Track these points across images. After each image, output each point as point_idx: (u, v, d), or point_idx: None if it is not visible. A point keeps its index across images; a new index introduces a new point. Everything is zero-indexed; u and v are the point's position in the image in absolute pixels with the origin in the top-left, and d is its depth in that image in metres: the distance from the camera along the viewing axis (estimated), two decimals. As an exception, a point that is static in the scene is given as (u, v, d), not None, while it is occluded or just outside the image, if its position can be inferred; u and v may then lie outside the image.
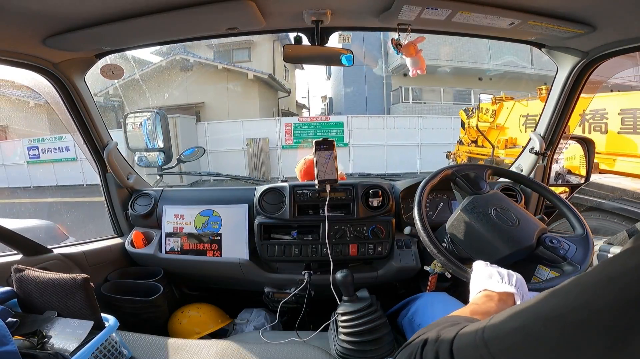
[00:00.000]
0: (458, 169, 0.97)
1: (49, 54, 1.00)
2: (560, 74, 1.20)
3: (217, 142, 8.81)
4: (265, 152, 8.65)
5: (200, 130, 9.10)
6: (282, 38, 11.00)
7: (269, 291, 1.29)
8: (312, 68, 44.18)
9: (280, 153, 8.65)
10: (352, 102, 11.71)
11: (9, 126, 7.41)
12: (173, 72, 9.97)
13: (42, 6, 0.74)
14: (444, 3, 0.81)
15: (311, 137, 8.63)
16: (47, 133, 8.18)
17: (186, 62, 9.90)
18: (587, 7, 0.82)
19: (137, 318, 1.21)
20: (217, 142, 8.81)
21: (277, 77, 11.22)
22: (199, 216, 1.29)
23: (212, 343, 0.94)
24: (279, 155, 8.62)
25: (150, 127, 1.47)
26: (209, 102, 10.24)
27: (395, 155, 8.86)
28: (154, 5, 0.80)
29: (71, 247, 1.26)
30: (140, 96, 6.54)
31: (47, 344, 0.74)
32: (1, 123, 7.15)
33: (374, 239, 1.21)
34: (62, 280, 0.82)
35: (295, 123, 9.04)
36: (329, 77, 15.64)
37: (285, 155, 8.66)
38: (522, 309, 0.35)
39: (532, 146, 1.34)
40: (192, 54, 9.93)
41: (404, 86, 11.21)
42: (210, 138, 8.85)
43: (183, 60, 9.81)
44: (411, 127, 9.07)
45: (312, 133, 8.78)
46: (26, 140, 8.53)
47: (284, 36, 10.51)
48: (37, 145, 8.57)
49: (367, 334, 0.92)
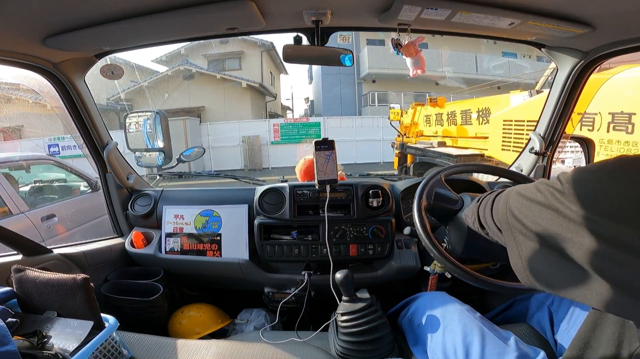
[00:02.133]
0: (428, 193, 0.91)
1: (48, 54, 1.00)
2: (560, 74, 1.20)
3: (218, 139, 10.65)
4: (258, 147, 10.61)
5: (203, 130, 10.91)
6: (270, 49, 13.82)
7: (269, 291, 1.29)
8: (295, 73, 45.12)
9: (269, 148, 10.80)
10: (329, 105, 14.01)
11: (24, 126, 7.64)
12: (177, 80, 11.70)
13: (42, 6, 0.74)
14: (443, 3, 0.80)
15: (295, 134, 10.87)
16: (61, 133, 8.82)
17: (189, 72, 11.70)
18: (587, 7, 0.81)
19: (137, 318, 1.21)
20: (217, 139, 10.65)
21: (265, 84, 13.31)
22: (198, 217, 1.29)
23: (212, 343, 0.94)
24: (269, 149, 10.79)
25: (150, 127, 1.46)
26: (208, 105, 12.20)
27: (362, 148, 10.86)
28: (154, 5, 0.80)
29: (71, 247, 1.26)
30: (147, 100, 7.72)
31: (47, 345, 0.74)
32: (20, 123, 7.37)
33: (373, 239, 1.21)
34: (62, 280, 0.82)
35: (282, 123, 11.13)
36: (310, 81, 17.85)
37: (274, 149, 10.80)
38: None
39: (532, 146, 1.34)
40: (194, 65, 11.86)
41: (372, 91, 13.69)
42: (212, 137, 10.71)
43: (186, 70, 11.65)
44: (376, 125, 11.00)
45: (295, 131, 10.91)
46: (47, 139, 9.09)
47: (271, 46, 13.74)
48: (58, 143, 9.28)
49: (367, 334, 0.92)
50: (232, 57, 13.58)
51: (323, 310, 1.15)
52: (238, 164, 10.54)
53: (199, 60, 12.71)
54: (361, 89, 14.16)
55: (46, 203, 2.86)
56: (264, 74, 13.74)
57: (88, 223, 2.90)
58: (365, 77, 13.58)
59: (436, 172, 0.96)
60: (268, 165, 10.56)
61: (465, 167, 1.03)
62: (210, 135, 10.72)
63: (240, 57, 13.59)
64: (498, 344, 0.73)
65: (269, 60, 14.65)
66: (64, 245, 1.27)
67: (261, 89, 13.20)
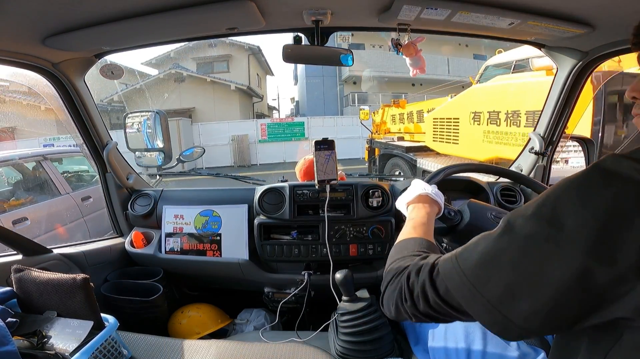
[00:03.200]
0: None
1: (48, 54, 1.00)
2: (560, 74, 1.20)
3: (209, 139, 11.30)
4: (246, 145, 11.48)
5: (195, 130, 11.62)
6: (256, 52, 14.77)
7: (268, 291, 1.29)
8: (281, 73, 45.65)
9: (257, 146, 11.70)
10: (313, 105, 14.94)
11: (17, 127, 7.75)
12: (169, 82, 12.32)
13: (42, 6, 0.73)
14: (443, 3, 0.80)
15: (281, 133, 11.77)
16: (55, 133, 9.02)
17: (180, 75, 12.43)
18: (587, 7, 0.82)
19: (137, 318, 1.21)
20: (208, 139, 11.31)
21: (252, 86, 14.03)
22: (198, 216, 1.29)
23: (212, 343, 0.94)
24: (257, 147, 11.71)
25: (150, 127, 1.46)
26: (199, 107, 12.85)
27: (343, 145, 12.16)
28: (154, 5, 0.80)
29: (71, 247, 1.26)
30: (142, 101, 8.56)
31: (47, 345, 0.74)
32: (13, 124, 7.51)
33: (373, 239, 1.21)
34: (61, 280, 0.82)
35: (269, 123, 12.12)
36: (296, 82, 18.78)
37: (261, 147, 11.69)
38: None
39: (532, 146, 1.34)
40: (185, 69, 12.62)
41: (353, 92, 14.46)
42: (203, 136, 11.43)
43: (177, 74, 12.40)
44: (356, 124, 11.72)
45: (281, 130, 11.81)
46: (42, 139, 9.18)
47: (257, 50, 14.70)
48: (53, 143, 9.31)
49: (367, 334, 0.92)
50: (220, 60, 14.29)
51: (323, 310, 1.15)
52: (228, 161, 11.29)
53: (188, 63, 13.48)
54: (343, 90, 15.07)
55: (82, 187, 3.42)
56: (250, 76, 14.56)
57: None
58: (346, 79, 14.49)
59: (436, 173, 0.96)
60: (256, 162, 11.47)
61: (465, 166, 1.03)
62: (202, 135, 11.50)
63: (228, 60, 14.31)
64: (499, 343, 0.73)
65: (255, 63, 15.57)
66: (64, 245, 1.27)
67: (249, 91, 13.94)
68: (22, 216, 2.63)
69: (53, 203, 2.95)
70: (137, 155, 1.51)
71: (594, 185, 0.34)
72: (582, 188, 0.34)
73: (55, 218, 2.86)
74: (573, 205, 0.34)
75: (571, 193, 0.35)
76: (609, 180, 0.33)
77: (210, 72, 13.46)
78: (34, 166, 3.10)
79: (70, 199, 3.07)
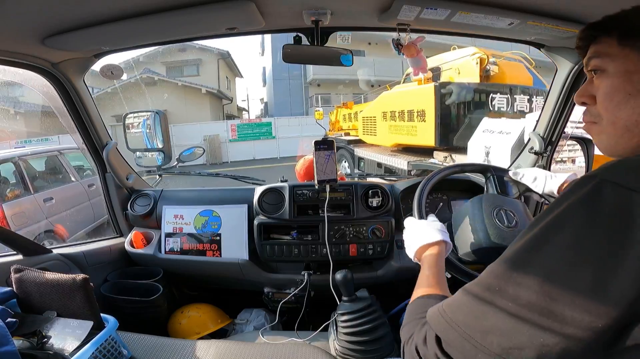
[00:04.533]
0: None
1: (48, 53, 0.99)
2: (559, 74, 1.19)
3: (182, 139, 11.69)
4: (218, 144, 12.29)
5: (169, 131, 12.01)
6: (226, 57, 15.42)
7: (268, 291, 1.29)
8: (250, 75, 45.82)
9: (228, 145, 12.58)
10: (280, 106, 15.74)
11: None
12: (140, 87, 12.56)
13: (42, 6, 0.73)
14: (443, 3, 0.80)
15: (250, 133, 12.72)
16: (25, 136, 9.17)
17: (151, 79, 12.97)
18: (587, 7, 0.82)
19: (137, 318, 1.21)
20: (182, 139, 11.70)
21: (222, 89, 14.96)
22: (198, 217, 1.29)
23: (212, 343, 0.94)
24: (227, 146, 12.60)
25: (149, 127, 1.47)
26: (171, 109, 13.13)
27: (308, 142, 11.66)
28: (154, 5, 0.80)
29: (71, 247, 1.26)
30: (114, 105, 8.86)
31: (46, 345, 0.74)
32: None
33: (373, 239, 1.21)
34: (61, 280, 0.82)
35: (239, 124, 13.16)
36: (264, 84, 19.61)
37: (232, 146, 12.54)
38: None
39: (532, 146, 1.34)
40: (155, 73, 13.24)
41: (317, 94, 15.41)
42: (177, 137, 11.84)
43: (148, 78, 12.97)
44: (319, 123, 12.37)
45: (250, 130, 12.76)
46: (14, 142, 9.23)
47: (227, 54, 15.32)
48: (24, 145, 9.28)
49: (367, 334, 0.92)
50: (190, 64, 14.87)
51: (323, 310, 1.15)
52: (201, 159, 12.30)
53: (157, 66, 13.88)
54: (308, 92, 16.01)
55: (85, 177, 4.29)
56: (220, 79, 15.33)
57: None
58: (311, 81, 15.48)
59: (437, 172, 0.96)
60: (227, 160, 12.32)
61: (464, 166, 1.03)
62: (175, 136, 12.39)
63: (198, 64, 14.93)
64: None
65: (224, 66, 16.27)
66: (64, 245, 1.27)
67: (219, 94, 14.82)
68: (50, 196, 3.53)
69: (69, 187, 3.92)
70: (137, 155, 1.51)
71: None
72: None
73: (72, 200, 3.84)
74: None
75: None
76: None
77: (181, 76, 14.09)
78: (52, 159, 4.04)
79: (80, 186, 4.03)
